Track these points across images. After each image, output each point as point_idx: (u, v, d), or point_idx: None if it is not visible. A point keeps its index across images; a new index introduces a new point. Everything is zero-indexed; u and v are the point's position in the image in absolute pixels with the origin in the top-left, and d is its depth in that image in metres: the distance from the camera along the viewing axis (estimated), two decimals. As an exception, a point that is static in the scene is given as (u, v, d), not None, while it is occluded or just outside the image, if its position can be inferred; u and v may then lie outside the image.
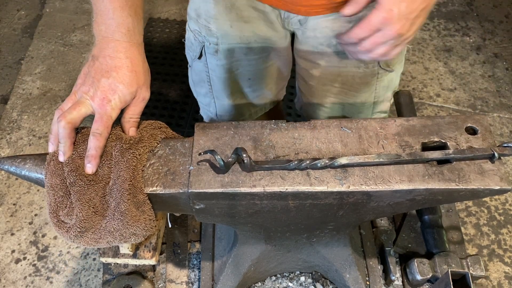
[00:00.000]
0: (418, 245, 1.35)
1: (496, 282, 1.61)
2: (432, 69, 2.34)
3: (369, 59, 0.97)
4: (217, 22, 1.16)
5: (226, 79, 1.29)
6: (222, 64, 1.25)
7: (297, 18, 1.13)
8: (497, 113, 2.16)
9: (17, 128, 2.13)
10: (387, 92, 1.31)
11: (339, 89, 1.26)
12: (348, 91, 1.26)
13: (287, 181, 0.84)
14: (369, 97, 1.29)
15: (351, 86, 1.25)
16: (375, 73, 1.22)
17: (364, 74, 1.21)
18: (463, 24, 2.55)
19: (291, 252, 1.21)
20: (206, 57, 1.26)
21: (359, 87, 1.25)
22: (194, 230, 1.43)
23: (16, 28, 2.59)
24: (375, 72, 1.21)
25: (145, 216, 0.86)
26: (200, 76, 1.35)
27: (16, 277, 1.68)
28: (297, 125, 0.92)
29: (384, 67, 1.21)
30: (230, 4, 1.12)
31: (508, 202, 1.83)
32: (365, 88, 1.26)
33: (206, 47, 1.23)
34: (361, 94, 1.27)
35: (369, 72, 1.21)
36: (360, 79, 1.22)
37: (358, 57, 0.99)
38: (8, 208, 1.86)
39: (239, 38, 1.18)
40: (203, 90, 1.38)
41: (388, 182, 0.84)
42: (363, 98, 1.29)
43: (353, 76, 1.22)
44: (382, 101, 1.32)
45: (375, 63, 1.19)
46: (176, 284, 1.34)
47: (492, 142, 0.88)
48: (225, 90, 1.32)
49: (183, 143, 0.92)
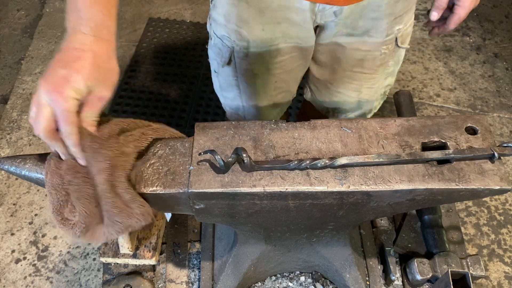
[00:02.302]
0: (418, 245, 1.35)
1: (496, 282, 1.61)
2: (432, 69, 2.34)
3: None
4: (248, 26, 1.15)
5: (255, 83, 1.29)
6: (251, 68, 1.24)
7: (332, 10, 1.12)
8: (497, 113, 2.16)
9: (17, 128, 2.13)
10: (395, 67, 1.33)
11: (359, 74, 1.27)
12: (368, 74, 1.27)
13: (287, 181, 0.84)
14: (383, 77, 1.31)
15: (370, 69, 1.26)
16: (392, 52, 1.23)
17: (384, 56, 1.22)
18: (463, 24, 2.55)
19: (291, 252, 1.21)
20: (235, 61, 1.25)
21: (378, 69, 1.26)
22: (194, 230, 1.43)
23: (16, 28, 2.59)
24: (392, 51, 1.22)
25: (136, 211, 0.85)
26: (228, 81, 1.34)
27: (16, 277, 1.68)
28: (297, 125, 0.92)
29: (400, 46, 1.22)
30: (265, 6, 1.11)
31: (508, 202, 1.83)
32: (381, 68, 1.27)
33: (236, 51, 1.22)
34: (378, 76, 1.29)
35: (389, 53, 1.22)
36: (380, 60, 1.23)
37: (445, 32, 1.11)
38: (8, 208, 1.86)
39: (270, 40, 1.18)
40: (231, 94, 1.38)
41: (388, 182, 0.84)
42: (379, 80, 1.31)
43: (374, 59, 1.23)
44: (391, 75, 1.34)
45: (393, 43, 1.21)
46: (176, 284, 1.34)
47: (492, 142, 0.88)
48: (254, 93, 1.32)
49: (183, 143, 0.92)
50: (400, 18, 1.17)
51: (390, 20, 1.15)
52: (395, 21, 1.17)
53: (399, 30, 1.19)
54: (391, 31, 1.18)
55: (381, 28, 1.17)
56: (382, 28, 1.17)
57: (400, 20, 1.17)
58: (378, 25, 1.16)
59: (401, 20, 1.18)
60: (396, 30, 1.19)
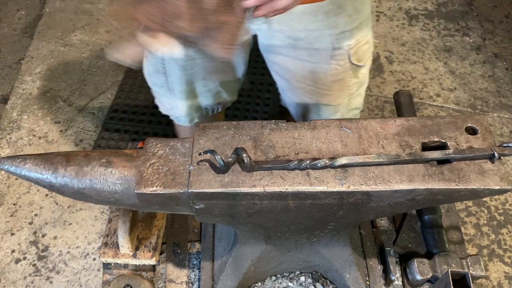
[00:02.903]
0: (418, 245, 1.35)
1: (496, 282, 1.61)
2: (432, 69, 2.34)
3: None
4: None
5: (181, 76, 1.30)
6: (176, 60, 1.25)
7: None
8: (497, 113, 2.16)
9: (17, 128, 2.13)
10: (359, 88, 1.32)
11: (312, 88, 1.27)
12: (322, 90, 1.27)
13: (287, 181, 0.84)
14: (343, 96, 1.30)
15: (323, 84, 1.25)
16: (347, 70, 1.23)
17: (336, 71, 1.22)
18: (463, 24, 2.55)
19: (291, 252, 1.21)
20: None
21: (332, 86, 1.26)
22: (194, 230, 1.43)
23: (16, 28, 2.59)
24: (347, 68, 1.22)
25: None
26: (156, 67, 1.35)
27: (16, 277, 1.68)
28: (297, 125, 0.92)
29: (355, 63, 1.22)
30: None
31: (508, 202, 1.83)
32: (338, 86, 1.27)
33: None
34: (335, 93, 1.28)
35: (341, 69, 1.22)
36: (332, 76, 1.23)
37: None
38: (8, 208, 1.86)
39: None
40: (159, 81, 1.39)
41: (388, 182, 0.84)
42: (338, 99, 1.30)
43: (325, 74, 1.22)
44: (356, 97, 1.34)
45: (346, 59, 1.20)
46: (176, 284, 1.34)
47: (492, 142, 0.89)
48: (180, 85, 1.33)
49: (183, 143, 0.92)
50: (349, 34, 1.17)
51: (335, 33, 1.15)
52: (343, 36, 1.17)
53: (349, 45, 1.19)
54: (338, 45, 1.18)
55: (325, 40, 1.17)
56: (326, 41, 1.17)
57: (349, 36, 1.17)
58: (321, 37, 1.16)
59: (351, 36, 1.18)
60: (346, 45, 1.18)
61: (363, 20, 1.19)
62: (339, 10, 1.11)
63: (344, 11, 1.13)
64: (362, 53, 1.24)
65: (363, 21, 1.19)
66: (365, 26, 1.20)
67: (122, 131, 2.13)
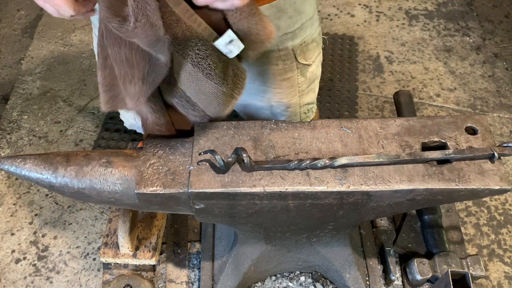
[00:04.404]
0: (418, 245, 1.35)
1: (496, 282, 1.61)
2: (432, 69, 2.33)
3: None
4: None
5: None
6: None
7: None
8: (497, 113, 2.16)
9: (17, 128, 2.13)
10: (310, 84, 1.34)
11: (262, 87, 1.28)
12: (273, 89, 1.28)
13: (287, 181, 0.84)
14: (294, 93, 1.31)
15: (273, 83, 1.27)
16: (294, 68, 1.24)
17: (284, 70, 1.23)
18: (463, 24, 2.55)
19: (291, 252, 1.21)
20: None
21: (282, 84, 1.27)
22: (194, 230, 1.43)
23: (16, 28, 2.59)
24: (294, 67, 1.24)
25: None
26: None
27: (16, 277, 1.68)
28: (297, 125, 0.92)
29: (302, 62, 1.24)
30: None
31: (508, 202, 1.83)
32: (287, 84, 1.28)
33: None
34: (286, 91, 1.29)
35: (288, 68, 1.23)
36: (281, 75, 1.24)
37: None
38: (8, 208, 1.86)
39: None
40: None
41: (388, 182, 0.84)
42: (289, 96, 1.31)
43: (274, 74, 1.24)
44: (308, 92, 1.35)
45: (293, 59, 1.22)
46: (176, 284, 1.34)
47: (492, 142, 0.89)
48: None
49: (183, 143, 0.92)
50: (292, 35, 1.18)
51: (278, 35, 1.16)
52: (286, 37, 1.18)
53: (293, 46, 1.21)
54: (283, 47, 1.19)
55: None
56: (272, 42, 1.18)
57: (292, 37, 1.19)
58: None
59: (294, 37, 1.19)
60: (290, 46, 1.20)
61: (306, 21, 1.21)
62: (280, 14, 1.13)
63: (285, 14, 1.14)
64: (309, 52, 1.26)
65: (306, 22, 1.21)
66: (309, 26, 1.22)
67: (122, 131, 2.13)
